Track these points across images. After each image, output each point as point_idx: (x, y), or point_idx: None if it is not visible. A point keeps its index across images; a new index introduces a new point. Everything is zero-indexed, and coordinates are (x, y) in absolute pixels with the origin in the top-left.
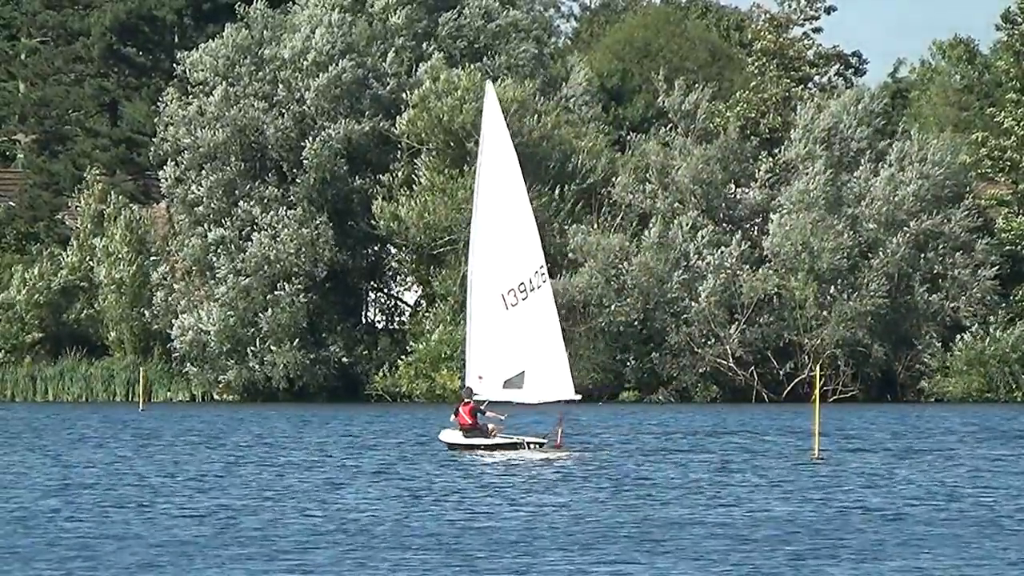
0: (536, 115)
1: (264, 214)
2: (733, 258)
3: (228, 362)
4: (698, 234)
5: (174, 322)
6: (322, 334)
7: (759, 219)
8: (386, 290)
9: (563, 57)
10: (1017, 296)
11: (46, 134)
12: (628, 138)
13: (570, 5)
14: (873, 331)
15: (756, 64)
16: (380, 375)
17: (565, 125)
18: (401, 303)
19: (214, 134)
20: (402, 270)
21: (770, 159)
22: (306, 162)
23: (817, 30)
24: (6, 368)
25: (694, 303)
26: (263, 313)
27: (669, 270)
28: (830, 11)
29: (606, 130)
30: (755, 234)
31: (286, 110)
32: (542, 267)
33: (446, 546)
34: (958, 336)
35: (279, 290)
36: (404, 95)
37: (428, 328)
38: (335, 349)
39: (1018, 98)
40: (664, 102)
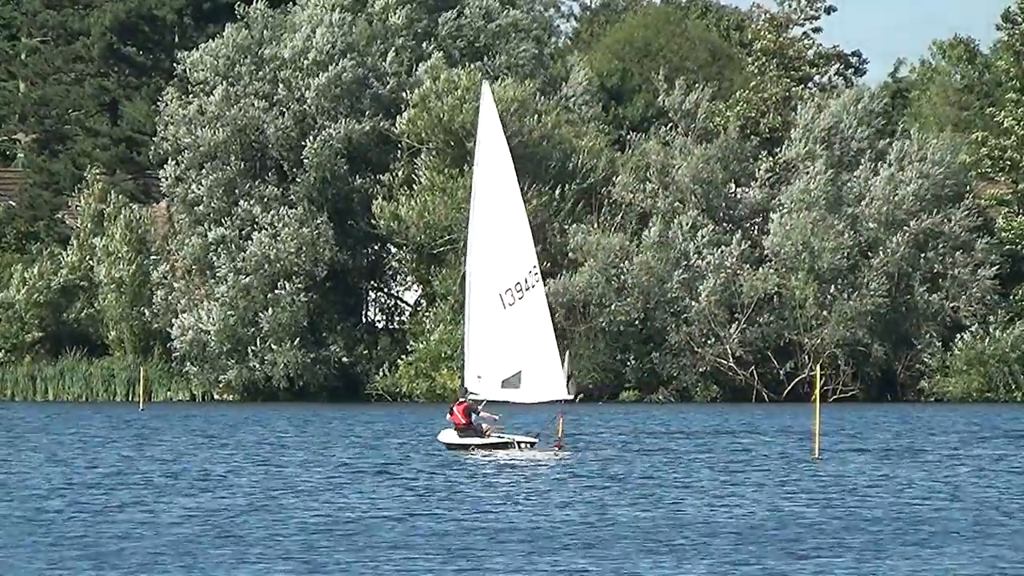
0: (536, 115)
1: (264, 213)
2: (733, 258)
3: (228, 362)
4: (698, 234)
5: (174, 322)
6: (322, 334)
7: (759, 219)
8: (386, 290)
9: (563, 57)
10: (1017, 296)
11: (46, 134)
12: (628, 138)
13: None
14: (873, 331)
15: (756, 64)
16: (380, 375)
17: (565, 125)
18: (401, 303)
19: (214, 133)
20: (402, 270)
21: (770, 159)
22: (306, 161)
23: (817, 30)
24: (6, 368)
25: (694, 303)
26: (263, 313)
27: (669, 270)
28: (830, 11)
29: (606, 130)
30: (755, 234)
31: (286, 110)
32: (535, 267)
33: (447, 546)
34: (958, 336)
35: (279, 289)
36: (404, 95)
37: (428, 328)
38: (335, 349)
39: (1018, 98)
40: (664, 102)
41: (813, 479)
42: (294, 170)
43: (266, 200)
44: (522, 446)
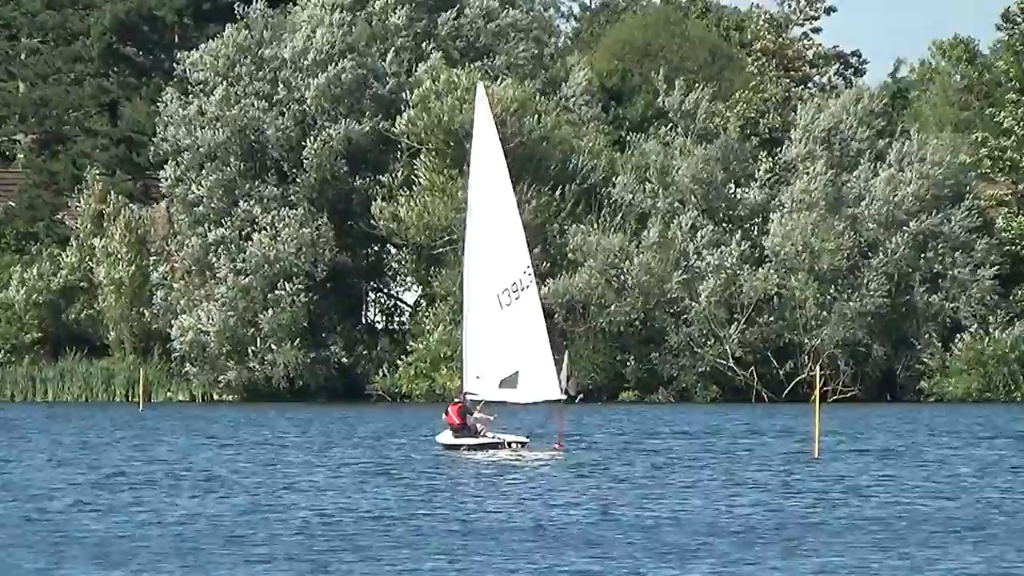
0: (536, 115)
1: (264, 214)
2: (733, 258)
3: (228, 362)
4: (698, 234)
5: (174, 322)
6: (322, 334)
7: (759, 219)
8: (386, 290)
9: (563, 57)
10: (1017, 296)
11: (46, 134)
12: (628, 138)
13: (570, 5)
14: (873, 331)
15: (756, 64)
16: (380, 375)
17: (565, 125)
18: (401, 303)
19: (214, 134)
20: (402, 270)
21: (770, 159)
22: (306, 162)
23: (817, 30)
24: (6, 368)
25: (694, 303)
26: (263, 313)
27: (669, 270)
28: (830, 11)
29: (606, 130)
30: (755, 234)
31: (286, 110)
32: (529, 267)
33: (448, 545)
34: (958, 336)
35: (279, 290)
36: (404, 95)
37: (428, 328)
38: (335, 349)
39: (1018, 98)
40: (664, 102)
41: (813, 479)
42: (294, 171)
43: (266, 201)
44: (514, 446)
